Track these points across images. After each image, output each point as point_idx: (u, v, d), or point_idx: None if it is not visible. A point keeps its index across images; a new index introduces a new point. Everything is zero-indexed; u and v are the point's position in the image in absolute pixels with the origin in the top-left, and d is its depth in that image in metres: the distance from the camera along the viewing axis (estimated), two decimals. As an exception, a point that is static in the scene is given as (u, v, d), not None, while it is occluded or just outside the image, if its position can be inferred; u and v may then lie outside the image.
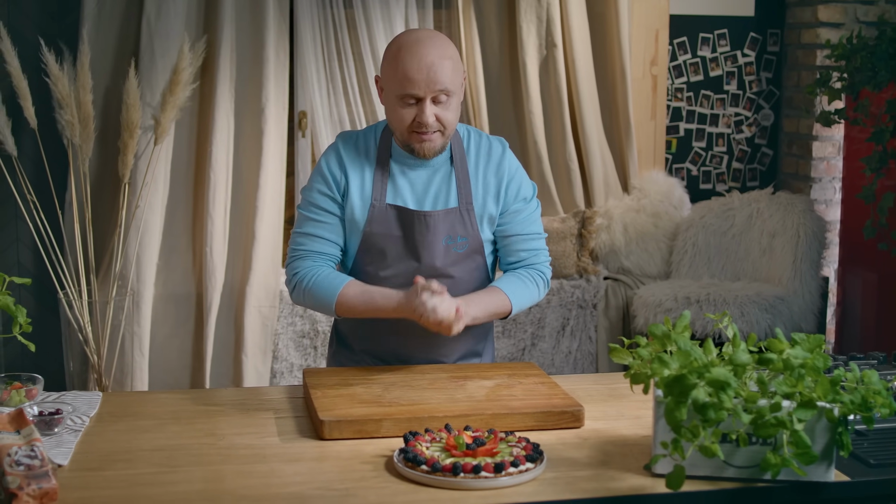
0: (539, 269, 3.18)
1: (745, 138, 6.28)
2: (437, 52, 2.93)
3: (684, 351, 2.26)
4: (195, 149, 5.38)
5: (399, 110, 2.95)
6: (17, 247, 5.34)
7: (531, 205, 3.17)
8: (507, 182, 3.11)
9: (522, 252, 3.16)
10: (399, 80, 2.92)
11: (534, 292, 3.15)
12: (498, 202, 3.10)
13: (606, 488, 2.27)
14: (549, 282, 3.22)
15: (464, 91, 3.07)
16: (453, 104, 2.97)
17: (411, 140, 2.98)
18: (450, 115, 2.97)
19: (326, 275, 3.02)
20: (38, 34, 5.11)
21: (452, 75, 2.94)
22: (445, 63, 2.92)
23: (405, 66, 2.91)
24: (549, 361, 5.54)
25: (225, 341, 5.34)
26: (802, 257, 5.45)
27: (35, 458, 2.19)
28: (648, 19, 5.98)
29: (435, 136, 2.97)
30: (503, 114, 5.80)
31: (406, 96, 2.93)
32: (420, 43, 2.94)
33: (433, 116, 2.93)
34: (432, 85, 2.90)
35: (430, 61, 2.90)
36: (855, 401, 2.24)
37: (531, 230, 3.17)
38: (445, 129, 2.97)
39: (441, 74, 2.91)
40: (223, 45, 5.24)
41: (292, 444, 2.55)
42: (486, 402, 2.74)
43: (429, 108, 2.92)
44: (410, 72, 2.90)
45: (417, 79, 2.90)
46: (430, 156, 3.01)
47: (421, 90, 2.90)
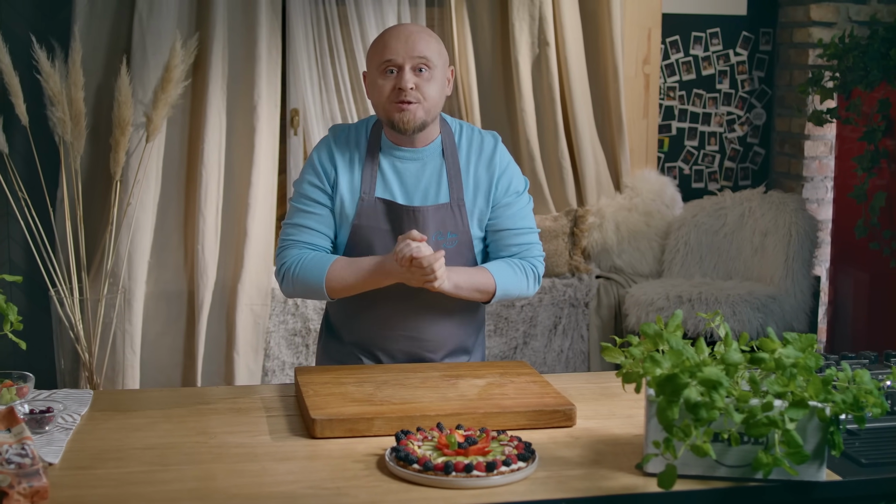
0: (532, 262, 3.18)
1: (738, 137, 6.29)
2: (418, 28, 3.03)
3: (676, 350, 2.26)
4: (187, 146, 5.37)
5: (379, 82, 3.00)
6: (8, 244, 5.33)
7: (522, 198, 3.17)
8: (499, 176, 3.12)
9: (514, 247, 3.16)
10: (379, 51, 2.99)
11: (521, 281, 3.15)
12: (489, 198, 3.11)
13: (598, 487, 2.27)
14: (540, 277, 3.21)
15: (449, 88, 3.09)
16: (436, 79, 3.00)
17: (391, 111, 3.00)
18: (431, 89, 2.99)
19: (312, 257, 3.04)
20: (30, 31, 5.09)
21: (434, 51, 2.99)
22: (426, 36, 3.00)
23: (385, 38, 3.00)
24: (541, 360, 5.54)
25: (217, 339, 5.33)
26: (794, 256, 5.45)
27: (26, 457, 2.18)
28: (641, 18, 5.98)
29: (415, 108, 2.98)
30: (495, 112, 5.80)
31: (385, 64, 2.97)
32: (404, 24, 3.06)
33: (412, 83, 2.96)
34: (411, 51, 2.95)
35: (410, 31, 2.99)
36: (846, 400, 2.24)
37: (523, 224, 3.16)
38: (426, 100, 2.98)
39: (420, 43, 2.97)
40: (215, 43, 5.23)
41: (284, 442, 2.55)
42: (477, 400, 2.74)
43: (408, 74, 2.96)
44: (390, 40, 2.98)
45: (396, 46, 2.96)
46: (411, 129, 3.00)
47: (400, 56, 2.95)
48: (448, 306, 3.12)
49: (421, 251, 2.86)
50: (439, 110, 3.07)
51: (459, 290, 3.01)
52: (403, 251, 2.87)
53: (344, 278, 3.01)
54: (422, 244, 2.88)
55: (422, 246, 2.88)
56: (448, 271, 2.96)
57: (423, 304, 3.08)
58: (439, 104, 3.04)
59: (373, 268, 2.99)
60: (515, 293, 3.15)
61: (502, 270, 3.10)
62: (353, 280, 3.01)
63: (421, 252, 2.86)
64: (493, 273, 3.07)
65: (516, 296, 3.17)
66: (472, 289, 3.05)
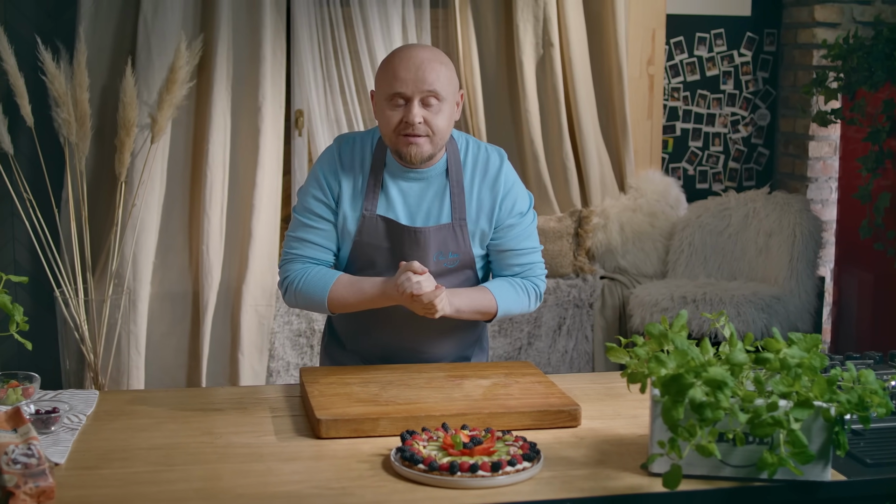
0: (533, 281, 3.17)
1: (742, 138, 6.29)
2: (428, 56, 2.93)
3: (681, 350, 2.26)
4: (192, 147, 5.38)
5: (387, 112, 2.94)
6: (14, 245, 5.34)
7: (526, 218, 3.15)
8: (503, 198, 3.08)
9: (516, 266, 3.15)
10: (388, 80, 2.92)
11: (523, 300, 3.14)
12: (491, 220, 3.08)
13: (603, 487, 2.28)
14: (541, 295, 3.21)
15: (458, 112, 3.04)
16: (444, 111, 2.94)
17: (399, 144, 2.95)
18: (439, 121, 2.94)
19: (316, 273, 3.02)
20: (35, 32, 5.10)
21: (444, 81, 2.92)
22: (436, 66, 2.92)
23: (395, 66, 2.92)
24: (546, 361, 5.54)
25: (221, 340, 5.34)
26: (798, 257, 5.45)
27: (32, 457, 2.18)
28: (645, 19, 5.98)
29: (423, 141, 2.94)
30: (500, 113, 5.80)
31: (394, 96, 2.92)
32: (413, 48, 2.96)
33: (421, 118, 2.91)
34: (420, 84, 2.89)
35: (420, 61, 2.91)
36: (851, 400, 2.25)
37: (526, 245, 3.15)
38: (434, 134, 2.94)
39: (430, 75, 2.90)
40: (220, 44, 5.23)
41: (289, 442, 2.55)
42: (482, 401, 2.74)
43: (416, 108, 2.91)
44: (399, 70, 2.90)
45: (405, 77, 2.89)
46: (418, 161, 2.97)
47: (409, 89, 2.90)
48: (450, 324, 3.11)
49: (422, 288, 2.86)
50: (447, 139, 3.02)
51: (461, 314, 3.01)
52: (404, 286, 2.87)
53: (345, 297, 3.00)
54: (423, 279, 2.87)
55: (422, 281, 2.87)
56: (450, 295, 2.95)
57: (425, 321, 3.07)
58: (447, 135, 3.00)
59: (375, 291, 2.98)
60: (516, 312, 3.15)
61: (504, 291, 3.09)
62: (355, 300, 3.01)
63: (421, 289, 2.86)
64: (495, 293, 3.07)
65: (517, 314, 3.18)
66: (474, 311, 3.04)
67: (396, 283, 2.89)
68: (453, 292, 2.98)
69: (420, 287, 2.85)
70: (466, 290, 3.05)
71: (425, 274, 2.89)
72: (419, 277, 2.87)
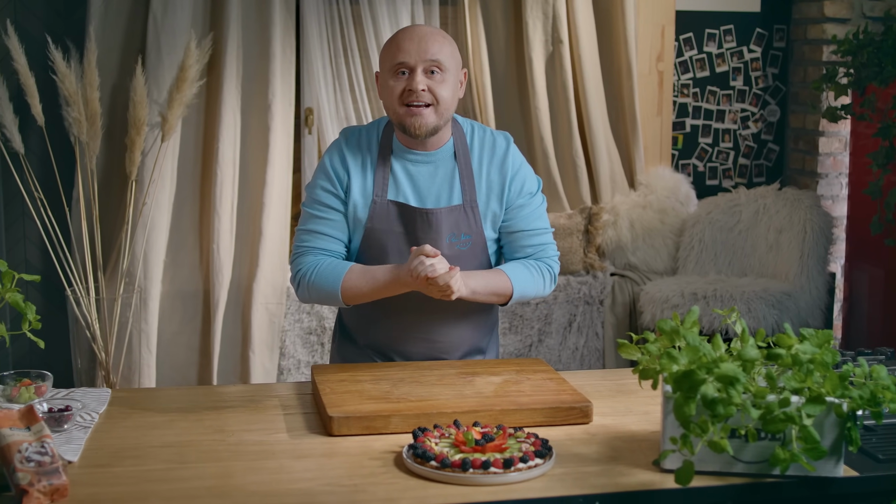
0: (547, 262, 3.16)
1: (752, 134, 6.28)
2: (431, 30, 3.00)
3: (693, 346, 2.26)
4: (202, 146, 5.39)
5: (391, 84, 2.98)
6: (25, 244, 5.35)
7: (536, 199, 3.15)
8: (511, 178, 3.10)
9: (528, 248, 3.14)
10: (392, 53, 2.97)
11: (538, 282, 3.13)
12: (502, 200, 3.09)
13: (616, 484, 2.28)
14: (556, 277, 3.19)
15: (463, 85, 3.08)
16: (448, 82, 2.97)
17: (403, 116, 2.98)
18: (443, 91, 2.96)
19: (328, 264, 3.02)
20: (46, 32, 5.11)
21: (447, 53, 2.97)
22: (438, 37, 2.97)
23: (398, 39, 2.98)
24: (556, 358, 5.54)
25: (232, 338, 5.35)
26: (809, 253, 5.45)
27: (46, 455, 2.19)
28: (654, 15, 5.97)
29: (427, 112, 2.96)
30: (509, 110, 5.80)
31: (397, 66, 2.96)
32: (416, 25, 3.05)
33: (424, 85, 2.94)
34: (423, 54, 2.94)
35: (423, 33, 2.97)
36: (864, 396, 2.24)
37: (537, 225, 3.15)
38: (438, 104, 2.96)
39: (432, 45, 2.95)
40: (230, 42, 5.24)
41: (301, 440, 2.55)
42: (494, 398, 2.74)
43: (420, 76, 2.94)
44: (402, 42, 2.96)
45: (408, 48, 2.94)
46: (423, 133, 2.98)
47: (412, 58, 2.94)
48: (463, 309, 3.11)
49: (436, 270, 2.84)
50: (451, 113, 3.04)
51: (477, 296, 2.99)
52: (418, 269, 2.85)
53: (359, 287, 2.99)
54: (436, 261, 2.86)
55: (436, 263, 2.85)
56: (464, 277, 2.94)
57: (438, 308, 3.07)
58: (451, 107, 3.02)
59: (388, 278, 2.96)
60: (532, 294, 3.13)
61: (518, 272, 3.08)
62: (368, 289, 2.99)
63: (436, 271, 2.84)
64: (510, 275, 3.05)
65: (532, 296, 3.15)
66: (490, 293, 3.02)
67: (410, 268, 2.87)
68: (468, 274, 2.97)
69: (434, 269, 2.84)
70: (481, 272, 3.04)
71: (438, 256, 2.87)
72: (432, 260, 2.85)
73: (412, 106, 2.95)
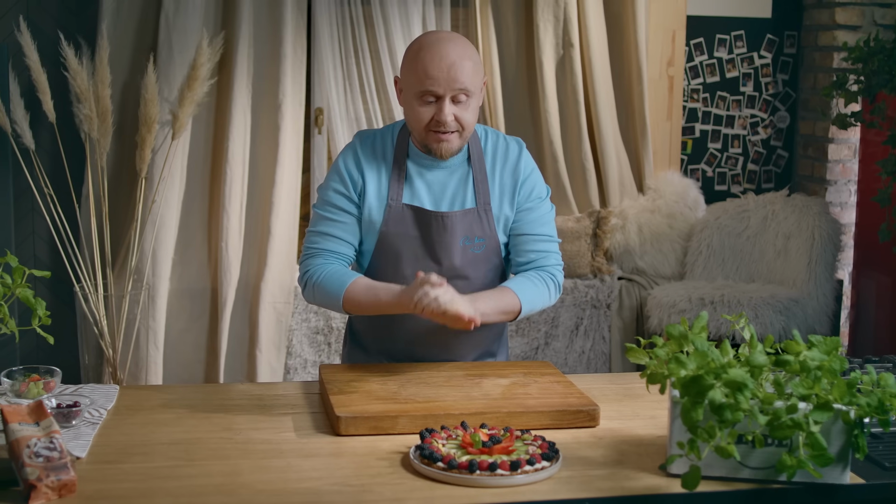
0: (550, 271, 3.13)
1: (761, 140, 6.28)
2: (458, 52, 2.92)
3: (701, 352, 2.26)
4: (212, 144, 5.40)
5: (417, 109, 2.94)
6: (34, 240, 5.36)
7: (544, 205, 3.15)
8: (523, 181, 3.10)
9: (532, 253, 3.13)
10: (419, 78, 2.91)
11: (544, 294, 3.10)
12: (513, 204, 3.09)
13: (622, 487, 2.28)
14: (560, 286, 3.17)
15: (483, 93, 3.07)
16: (472, 106, 2.96)
17: (429, 140, 2.97)
18: (468, 116, 2.95)
19: (334, 271, 3.00)
20: (58, 28, 5.13)
21: (473, 76, 2.93)
22: (466, 63, 2.91)
23: (425, 64, 2.90)
24: (563, 361, 5.54)
25: (239, 337, 5.36)
26: (817, 260, 5.45)
27: (54, 450, 2.20)
28: (665, 20, 5.98)
29: (453, 137, 2.96)
30: (519, 113, 5.81)
31: (425, 93, 2.91)
32: (441, 42, 2.93)
33: (451, 115, 2.92)
34: (452, 83, 2.89)
35: (452, 60, 2.90)
36: (871, 403, 2.24)
37: (542, 231, 3.13)
38: (464, 130, 2.96)
39: (461, 73, 2.90)
40: (241, 41, 5.25)
41: (308, 439, 2.56)
42: (501, 400, 2.75)
43: (448, 106, 2.91)
44: (431, 69, 2.89)
45: (437, 76, 2.89)
46: (447, 157, 2.99)
47: (441, 88, 2.89)
48: None
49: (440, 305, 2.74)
50: (472, 129, 3.02)
51: (486, 318, 2.91)
52: (423, 302, 2.76)
53: (360, 302, 2.96)
54: (440, 292, 2.75)
55: (441, 296, 2.75)
56: (472, 300, 2.87)
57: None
58: (474, 124, 3.01)
59: (391, 301, 2.90)
60: (539, 307, 3.10)
61: (524, 287, 3.04)
62: (368, 305, 2.96)
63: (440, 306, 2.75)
64: (517, 292, 3.01)
65: (540, 309, 3.13)
66: (498, 312, 2.98)
67: (414, 298, 2.78)
68: (475, 297, 2.91)
69: (439, 304, 2.74)
70: (488, 293, 3.00)
71: (444, 285, 2.78)
72: (437, 291, 2.76)
73: (439, 132, 2.95)
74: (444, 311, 2.76)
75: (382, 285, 2.97)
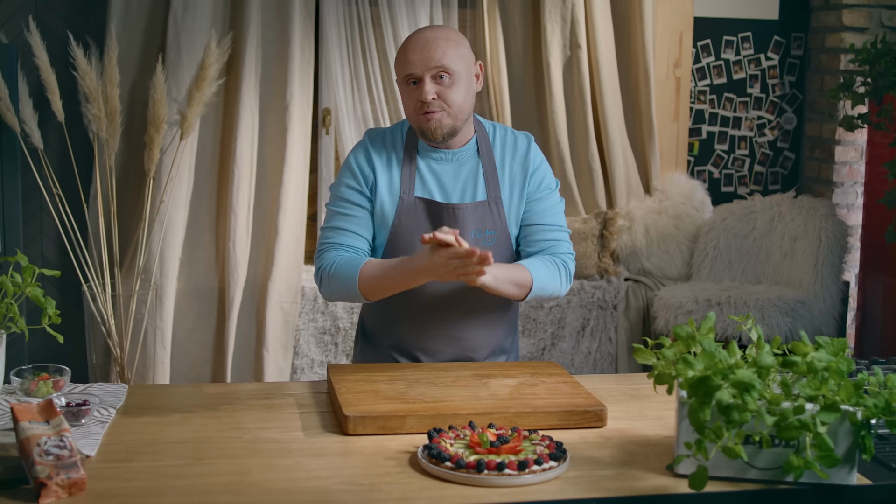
0: (562, 258, 3.14)
1: (768, 142, 6.28)
2: (436, 35, 3.01)
3: (709, 352, 2.27)
4: (220, 144, 5.41)
5: (406, 97, 3.03)
6: (42, 240, 5.38)
7: (554, 196, 3.18)
8: (532, 172, 3.13)
9: (542, 242, 3.14)
10: (402, 65, 3.02)
11: (555, 277, 3.11)
12: (523, 196, 3.12)
13: (629, 487, 2.29)
14: (571, 276, 3.18)
15: (479, 84, 3.11)
16: (458, 85, 3.00)
17: (420, 123, 3.02)
18: (454, 95, 2.99)
19: (346, 258, 3.03)
20: (67, 29, 5.14)
21: (452, 56, 2.98)
22: (441, 42, 2.98)
23: (405, 50, 3.02)
24: (569, 362, 5.55)
25: (246, 336, 5.37)
26: (824, 261, 5.44)
27: (64, 449, 2.21)
28: (672, 21, 5.98)
29: (441, 116, 2.99)
30: (526, 114, 5.81)
31: (408, 77, 3.00)
32: (422, 29, 3.06)
33: (434, 94, 2.97)
34: (427, 62, 2.96)
35: (426, 40, 2.99)
36: (878, 404, 2.25)
37: (553, 221, 3.16)
38: (450, 107, 2.99)
39: (436, 52, 2.96)
40: (249, 42, 5.26)
41: (317, 438, 2.57)
42: (509, 400, 2.75)
43: (428, 84, 2.97)
44: (408, 53, 3.00)
45: (413, 58, 2.98)
46: (440, 136, 3.01)
47: (418, 69, 2.97)
48: (485, 306, 3.11)
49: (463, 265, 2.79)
50: (468, 112, 3.06)
51: (498, 282, 2.94)
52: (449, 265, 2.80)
53: (375, 278, 2.98)
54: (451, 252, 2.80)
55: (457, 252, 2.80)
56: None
57: (461, 306, 3.08)
58: (466, 106, 3.04)
59: (401, 267, 2.95)
60: (550, 289, 3.11)
61: (537, 266, 3.07)
62: (384, 280, 2.98)
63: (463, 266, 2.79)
64: (529, 268, 3.04)
65: (549, 293, 3.12)
66: (510, 282, 2.99)
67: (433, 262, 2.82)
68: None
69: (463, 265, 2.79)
70: (501, 263, 3.02)
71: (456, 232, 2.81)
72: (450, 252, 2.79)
73: (427, 113, 2.99)
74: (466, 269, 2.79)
75: (394, 259, 2.99)
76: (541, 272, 3.07)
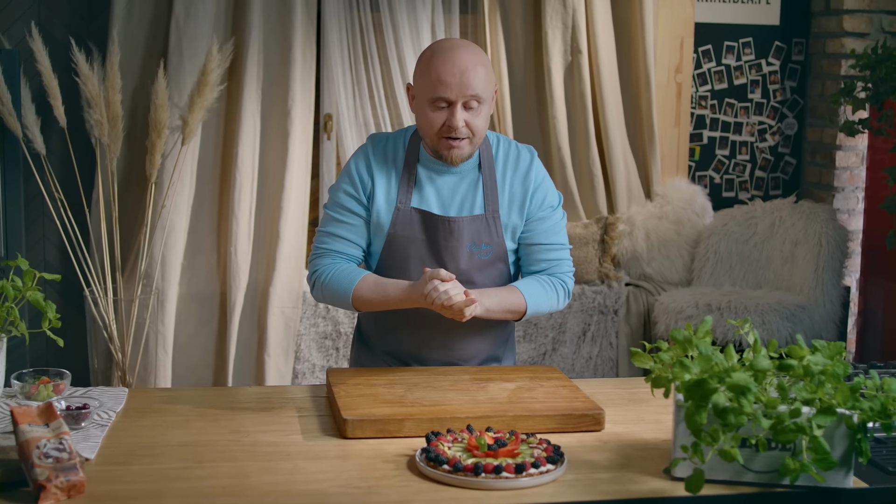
0: (561, 278, 3.17)
1: (769, 147, 6.29)
2: (470, 58, 2.95)
3: (705, 356, 2.28)
4: (221, 149, 5.42)
5: (430, 114, 2.97)
6: (44, 244, 5.39)
7: (556, 214, 3.17)
8: (534, 190, 3.12)
9: (544, 262, 3.16)
10: (432, 84, 2.94)
11: (552, 298, 3.14)
12: (523, 212, 3.11)
13: (626, 491, 2.29)
14: (570, 292, 3.20)
15: (494, 100, 3.09)
16: (483, 112, 2.98)
17: (440, 146, 3.00)
18: (479, 122, 2.98)
19: (343, 269, 3.05)
20: (69, 34, 5.16)
21: (485, 83, 2.95)
22: (478, 69, 2.94)
23: (438, 70, 2.93)
24: (570, 366, 5.55)
25: (248, 341, 5.37)
26: (824, 266, 5.45)
27: (63, 451, 2.22)
28: (673, 27, 5.99)
29: (464, 144, 2.98)
30: (528, 119, 5.82)
31: (437, 100, 2.94)
32: (454, 49, 2.97)
33: (463, 121, 2.95)
34: (464, 89, 2.92)
35: (464, 66, 2.93)
36: (874, 408, 2.25)
37: (555, 240, 3.16)
38: (474, 136, 2.98)
39: (473, 79, 2.93)
40: (251, 47, 5.27)
41: (316, 442, 2.58)
42: (507, 403, 2.76)
43: (459, 112, 2.94)
44: (443, 75, 2.92)
45: (450, 82, 2.92)
46: (458, 162, 3.02)
47: (453, 94, 2.92)
48: (479, 320, 3.12)
49: (451, 298, 2.85)
50: (484, 136, 3.06)
51: (491, 314, 3.00)
52: (432, 296, 2.86)
53: (370, 298, 3.01)
54: (450, 286, 2.86)
55: (450, 290, 2.86)
56: (479, 294, 2.95)
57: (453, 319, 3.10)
58: (485, 131, 3.04)
59: (399, 296, 2.98)
60: (546, 309, 3.14)
61: (532, 289, 3.09)
62: (378, 302, 3.02)
63: (451, 300, 2.85)
64: (524, 292, 3.06)
65: (547, 311, 3.16)
66: (504, 310, 3.03)
67: (423, 293, 2.88)
68: (482, 292, 2.98)
69: (450, 298, 2.85)
70: (495, 289, 3.05)
71: (452, 281, 2.88)
72: (447, 286, 2.86)
73: (450, 139, 2.98)
74: (452, 304, 2.85)
75: (391, 281, 3.02)
76: (536, 296, 3.09)
